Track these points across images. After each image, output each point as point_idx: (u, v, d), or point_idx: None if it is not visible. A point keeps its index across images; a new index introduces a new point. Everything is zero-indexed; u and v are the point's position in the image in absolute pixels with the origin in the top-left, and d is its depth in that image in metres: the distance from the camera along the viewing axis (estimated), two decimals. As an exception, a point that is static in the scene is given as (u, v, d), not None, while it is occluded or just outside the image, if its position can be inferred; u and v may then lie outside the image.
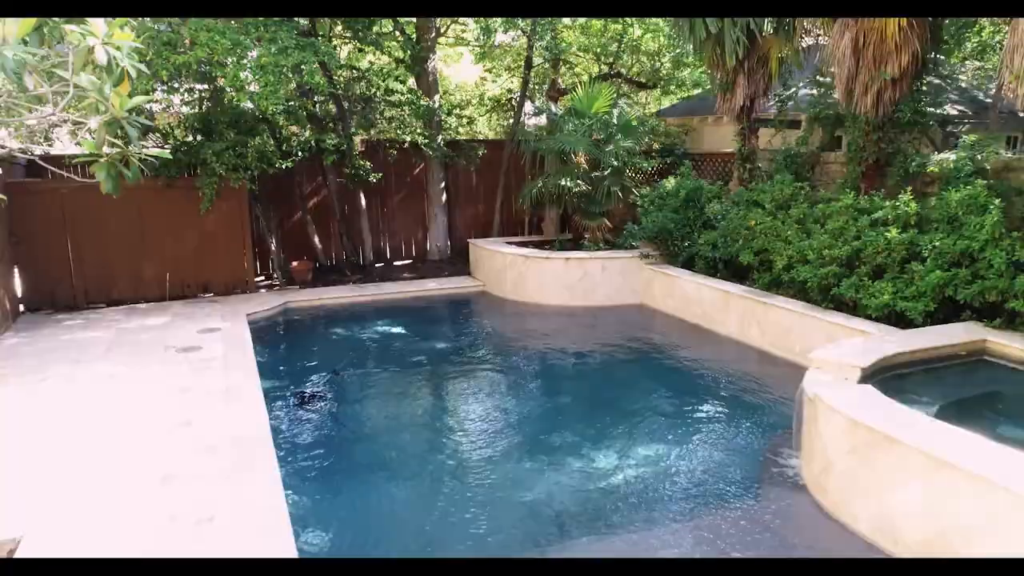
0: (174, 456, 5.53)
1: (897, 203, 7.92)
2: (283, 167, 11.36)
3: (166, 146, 11.28)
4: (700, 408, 7.20)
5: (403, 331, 10.11)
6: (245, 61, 7.81)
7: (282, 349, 9.34)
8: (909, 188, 8.04)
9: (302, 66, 8.23)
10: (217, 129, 10.70)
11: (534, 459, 6.01)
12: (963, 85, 14.30)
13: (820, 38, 10.60)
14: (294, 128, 11.50)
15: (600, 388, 7.95)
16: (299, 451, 6.12)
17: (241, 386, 7.15)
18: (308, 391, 7.58)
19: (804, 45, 10.75)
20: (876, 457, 4.59)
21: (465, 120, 15.04)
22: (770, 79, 10.54)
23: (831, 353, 5.98)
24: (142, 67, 4.07)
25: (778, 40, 10.17)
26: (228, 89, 8.07)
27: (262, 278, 13.12)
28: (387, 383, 8.11)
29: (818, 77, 11.11)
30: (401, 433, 6.74)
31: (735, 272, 9.98)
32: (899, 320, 7.45)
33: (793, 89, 11.22)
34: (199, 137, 11.16)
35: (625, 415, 7.01)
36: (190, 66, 7.65)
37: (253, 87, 9.43)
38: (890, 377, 5.85)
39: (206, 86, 10.50)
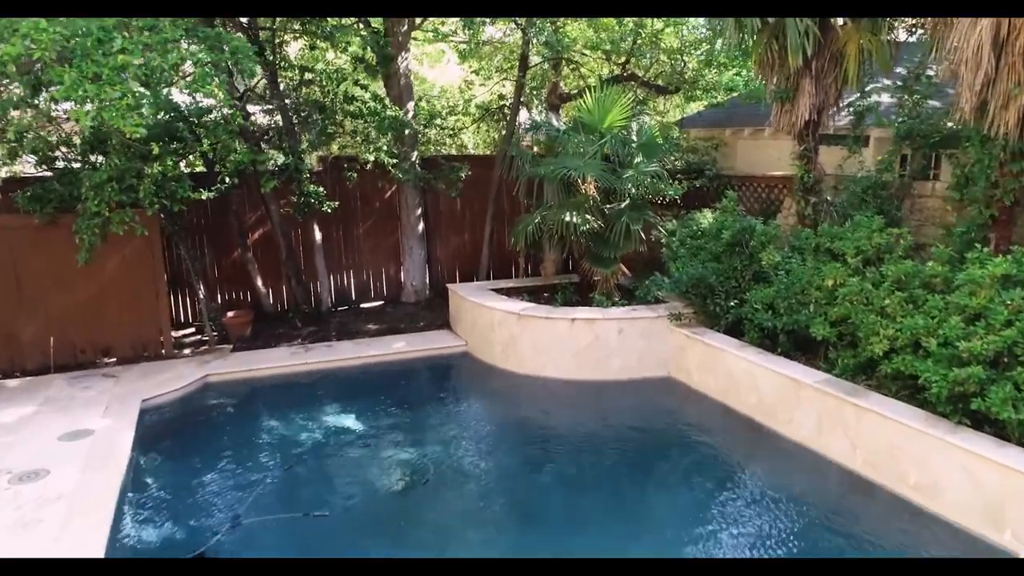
0: None
1: (1070, 272, 5.32)
2: (203, 197, 8.70)
3: (52, 170, 8.69)
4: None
5: (355, 426, 7.44)
6: (103, 60, 5.19)
7: (174, 466, 6.56)
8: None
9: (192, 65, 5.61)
10: (111, 151, 8.06)
11: None
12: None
13: (919, 29, 7.96)
14: (215, 145, 8.74)
15: (626, 543, 5.33)
16: None
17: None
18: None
19: (891, 38, 8.09)
20: None
21: (447, 133, 12.38)
22: (844, 83, 7.91)
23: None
24: None
25: (860, 31, 7.52)
26: (70, 104, 5.44)
27: (191, 330, 10.51)
28: (317, 541, 5.48)
29: (913, 84, 8.37)
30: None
31: (799, 344, 7.36)
32: (1080, 452, 4.86)
33: (873, 97, 8.54)
34: (97, 159, 8.56)
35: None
36: (4, 66, 5.05)
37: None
38: None
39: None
